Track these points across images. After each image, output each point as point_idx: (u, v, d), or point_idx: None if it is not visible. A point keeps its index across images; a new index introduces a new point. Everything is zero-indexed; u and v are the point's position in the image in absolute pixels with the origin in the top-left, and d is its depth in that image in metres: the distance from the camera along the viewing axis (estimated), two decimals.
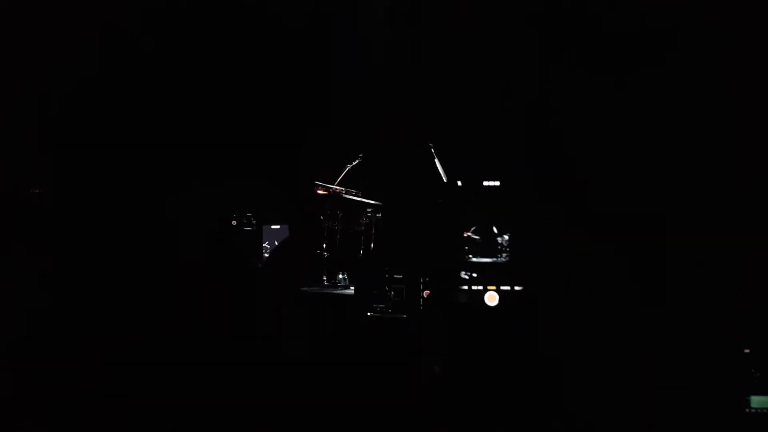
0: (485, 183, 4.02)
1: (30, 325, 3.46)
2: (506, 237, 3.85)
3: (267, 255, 4.47)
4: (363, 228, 4.60)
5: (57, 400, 3.16)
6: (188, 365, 3.32)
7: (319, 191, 4.43)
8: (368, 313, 3.83)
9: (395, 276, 3.96)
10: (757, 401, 3.01)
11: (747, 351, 3.07)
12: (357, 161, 4.65)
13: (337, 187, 4.52)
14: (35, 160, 4.36)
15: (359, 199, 4.58)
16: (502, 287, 3.69)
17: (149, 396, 3.22)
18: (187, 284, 3.68)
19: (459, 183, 4.07)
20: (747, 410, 3.01)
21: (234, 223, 4.41)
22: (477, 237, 3.89)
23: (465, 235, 3.85)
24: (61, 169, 4.46)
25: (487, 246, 3.85)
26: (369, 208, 4.61)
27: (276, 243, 4.47)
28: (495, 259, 3.85)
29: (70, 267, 3.83)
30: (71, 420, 3.06)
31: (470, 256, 3.83)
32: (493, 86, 4.93)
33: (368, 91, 5.08)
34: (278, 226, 4.58)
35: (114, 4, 4.61)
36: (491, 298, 3.68)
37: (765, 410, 3.00)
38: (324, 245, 4.50)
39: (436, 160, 4.49)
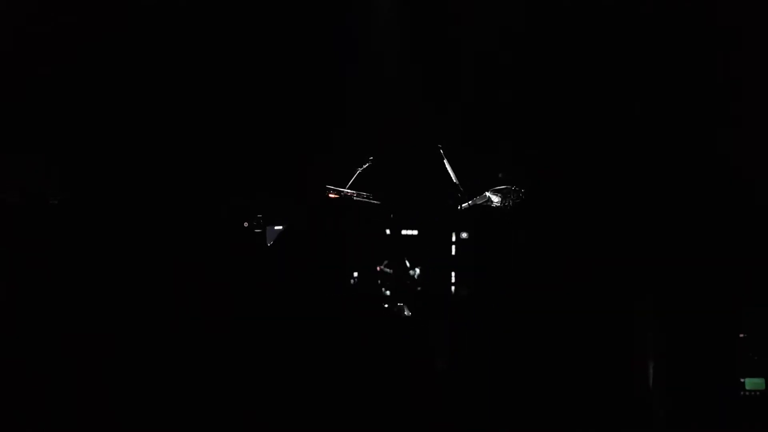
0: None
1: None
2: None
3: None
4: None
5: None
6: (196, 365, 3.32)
7: (330, 195, 4.42)
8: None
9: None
10: (751, 383, 3.11)
11: (742, 336, 3.17)
12: (368, 164, 4.64)
13: (348, 191, 4.51)
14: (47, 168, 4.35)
15: (371, 201, 4.53)
16: None
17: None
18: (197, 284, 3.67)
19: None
20: (741, 393, 3.11)
21: (245, 224, 4.38)
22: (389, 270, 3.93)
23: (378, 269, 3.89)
24: (74, 176, 4.45)
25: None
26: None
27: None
28: None
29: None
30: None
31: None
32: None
33: (378, 93, 5.08)
34: (281, 227, 4.53)
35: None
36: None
37: (758, 392, 3.10)
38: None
39: (446, 161, 4.48)
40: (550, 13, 4.73)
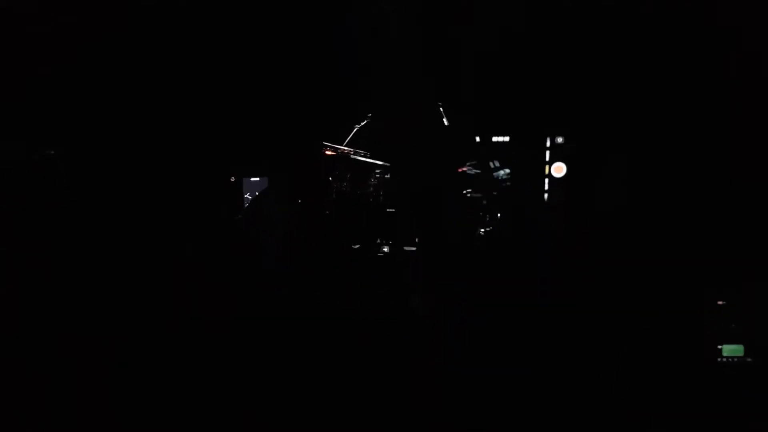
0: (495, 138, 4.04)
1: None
2: (507, 170, 3.77)
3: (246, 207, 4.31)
4: (372, 189, 4.51)
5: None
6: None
7: (327, 152, 4.38)
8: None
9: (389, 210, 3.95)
10: (728, 350, 3.14)
11: (720, 303, 3.18)
12: (366, 121, 4.60)
13: (346, 148, 4.46)
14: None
15: (368, 159, 4.51)
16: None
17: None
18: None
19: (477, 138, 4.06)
20: (718, 359, 3.13)
21: (232, 179, 4.32)
22: (475, 171, 3.82)
23: (460, 170, 3.77)
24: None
25: (486, 179, 3.75)
26: (378, 168, 4.54)
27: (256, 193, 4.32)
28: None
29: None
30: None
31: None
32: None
33: (377, 93, 5.06)
34: (258, 179, 4.48)
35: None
36: (558, 170, 3.65)
37: (735, 359, 3.14)
38: (332, 206, 4.43)
39: (446, 121, 4.44)
40: (550, 13, 4.72)
